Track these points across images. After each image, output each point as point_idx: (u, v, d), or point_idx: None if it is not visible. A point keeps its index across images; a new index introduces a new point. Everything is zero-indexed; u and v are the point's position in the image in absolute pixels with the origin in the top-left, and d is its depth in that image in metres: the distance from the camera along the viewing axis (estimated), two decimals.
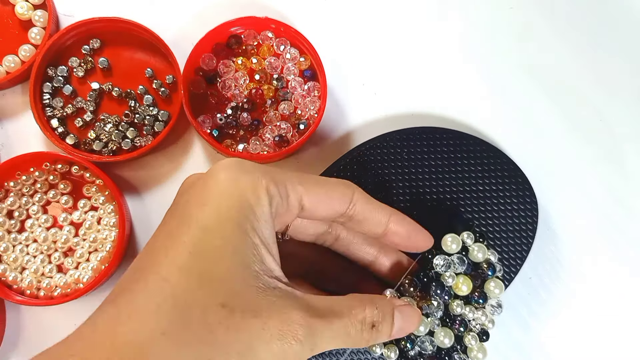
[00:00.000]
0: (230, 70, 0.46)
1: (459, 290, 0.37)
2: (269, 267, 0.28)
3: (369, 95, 0.49)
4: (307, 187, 0.31)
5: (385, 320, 0.32)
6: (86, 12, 0.48)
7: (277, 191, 0.29)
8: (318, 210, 0.32)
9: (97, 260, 0.44)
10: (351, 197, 0.32)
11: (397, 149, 0.43)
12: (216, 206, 0.27)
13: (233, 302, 0.26)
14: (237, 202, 0.27)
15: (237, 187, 0.28)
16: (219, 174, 0.28)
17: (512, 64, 0.50)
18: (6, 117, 0.47)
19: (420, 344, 0.36)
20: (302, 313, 0.27)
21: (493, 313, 0.38)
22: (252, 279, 0.27)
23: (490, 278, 0.38)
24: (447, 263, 0.36)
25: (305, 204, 0.31)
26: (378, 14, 0.50)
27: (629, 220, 0.48)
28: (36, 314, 0.45)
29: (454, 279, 0.37)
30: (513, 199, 0.43)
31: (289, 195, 0.30)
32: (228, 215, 0.27)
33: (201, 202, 0.27)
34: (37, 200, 0.44)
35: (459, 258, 0.37)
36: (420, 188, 0.43)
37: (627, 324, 0.47)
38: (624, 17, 0.51)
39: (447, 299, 0.37)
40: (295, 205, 0.31)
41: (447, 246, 0.37)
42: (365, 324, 0.30)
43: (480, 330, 0.37)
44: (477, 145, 0.43)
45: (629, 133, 0.49)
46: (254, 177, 0.28)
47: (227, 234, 0.27)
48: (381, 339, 0.32)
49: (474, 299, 0.37)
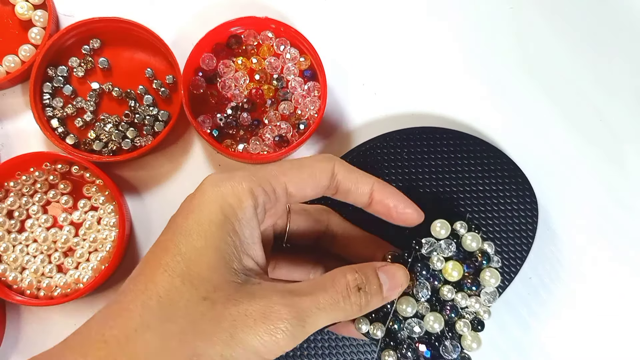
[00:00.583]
0: (230, 70, 0.46)
1: (449, 275, 0.36)
2: (248, 265, 0.30)
3: (369, 95, 0.49)
4: (290, 176, 0.32)
5: (370, 282, 0.32)
6: (86, 12, 0.48)
7: (261, 190, 0.31)
8: (305, 192, 0.33)
9: (97, 260, 0.44)
10: (332, 169, 0.34)
11: (397, 149, 0.43)
12: (199, 213, 0.30)
13: (214, 295, 0.28)
14: (219, 207, 0.30)
15: (218, 193, 0.30)
16: (203, 185, 0.31)
17: (512, 64, 0.50)
18: (6, 117, 0.47)
19: (408, 325, 0.35)
20: (282, 294, 0.29)
21: (488, 302, 0.36)
22: (232, 275, 0.29)
23: (485, 267, 0.37)
24: (432, 246, 0.35)
25: (291, 191, 0.32)
26: (378, 14, 0.50)
27: (629, 220, 0.48)
28: (36, 314, 0.45)
29: (443, 263, 0.36)
30: (513, 198, 0.43)
31: (275, 190, 0.32)
32: (210, 219, 0.29)
33: (186, 212, 0.30)
34: (37, 200, 0.44)
35: (446, 242, 0.36)
36: (420, 188, 0.43)
37: (627, 324, 0.47)
38: (624, 17, 0.51)
39: (437, 283, 0.36)
40: (282, 195, 0.32)
41: (435, 231, 0.36)
42: (351, 289, 0.31)
43: (474, 319, 0.36)
44: (477, 145, 0.43)
45: (629, 133, 0.49)
46: (235, 182, 0.30)
47: (208, 235, 0.29)
48: (374, 301, 0.33)
49: (466, 285, 0.36)
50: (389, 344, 0.35)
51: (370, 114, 0.48)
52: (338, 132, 0.48)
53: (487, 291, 0.37)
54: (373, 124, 0.48)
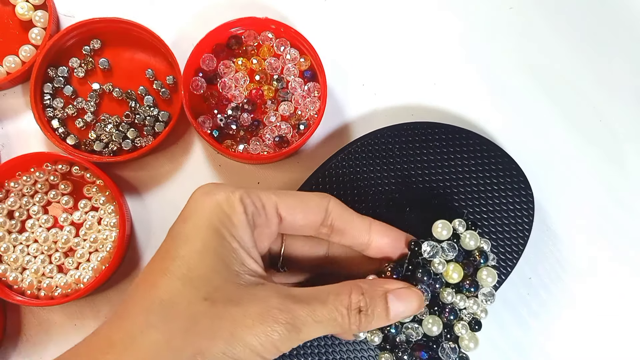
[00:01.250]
0: (231, 71, 0.46)
1: (450, 277, 0.35)
2: (250, 267, 0.31)
3: (369, 95, 0.49)
4: (282, 198, 0.33)
5: (375, 305, 0.32)
6: (87, 12, 0.48)
7: (250, 201, 0.32)
8: (296, 219, 0.34)
9: (98, 261, 0.44)
10: (326, 206, 0.34)
11: (388, 145, 0.43)
12: (195, 219, 0.31)
13: (215, 295, 0.29)
14: (214, 213, 0.31)
15: (213, 200, 0.31)
16: (197, 194, 0.32)
17: (512, 64, 0.50)
18: (7, 118, 0.47)
19: (405, 331, 0.35)
20: (281, 299, 0.30)
21: (486, 302, 0.36)
22: (233, 276, 0.30)
23: (482, 266, 0.37)
24: (435, 250, 0.35)
25: (282, 213, 0.33)
26: (378, 14, 0.50)
27: (629, 220, 0.48)
28: (36, 314, 0.45)
29: (444, 266, 0.36)
30: (508, 192, 0.43)
31: (264, 205, 0.32)
32: (206, 224, 0.30)
33: (183, 219, 0.31)
34: (38, 201, 0.44)
35: (448, 244, 0.36)
36: (413, 184, 0.43)
37: (627, 324, 0.47)
38: (624, 17, 0.51)
39: (438, 287, 0.35)
40: (273, 214, 0.33)
41: (437, 232, 0.36)
42: (352, 310, 0.31)
43: (472, 319, 0.36)
44: (470, 139, 0.43)
45: (629, 133, 0.49)
46: (227, 191, 0.31)
47: (207, 239, 0.30)
48: (376, 324, 0.32)
49: (465, 287, 0.36)
50: (384, 347, 0.35)
51: (370, 114, 0.49)
52: (338, 133, 0.48)
53: (484, 292, 0.37)
54: (373, 124, 0.48)
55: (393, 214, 0.42)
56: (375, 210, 0.42)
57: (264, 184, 0.47)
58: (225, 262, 0.30)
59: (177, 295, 0.29)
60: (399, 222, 0.37)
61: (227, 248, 0.30)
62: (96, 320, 0.45)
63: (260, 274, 0.31)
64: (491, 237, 0.42)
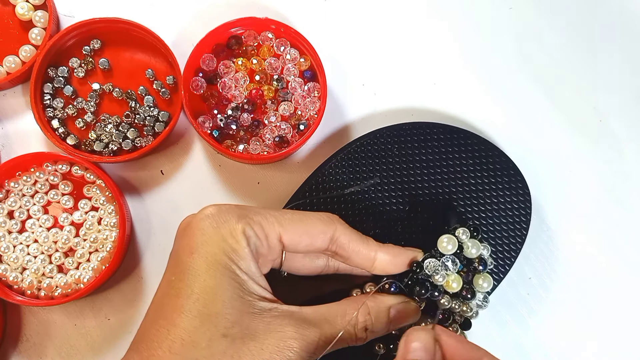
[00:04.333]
0: (231, 71, 0.46)
1: (450, 287, 0.36)
2: (260, 295, 0.32)
3: (369, 95, 0.49)
4: (286, 226, 0.34)
5: (379, 321, 0.34)
6: (87, 12, 0.48)
7: (253, 233, 0.33)
8: (299, 247, 0.35)
9: (98, 261, 0.44)
10: (332, 234, 0.35)
11: (388, 144, 0.43)
12: (203, 253, 0.31)
13: (233, 331, 0.30)
14: (220, 247, 0.32)
15: (218, 233, 0.32)
16: (202, 222, 0.32)
17: (511, 64, 0.50)
18: (7, 118, 0.47)
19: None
20: (296, 327, 0.31)
21: (480, 306, 0.38)
22: (247, 306, 0.31)
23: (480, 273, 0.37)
24: (435, 268, 0.36)
25: (285, 242, 0.34)
26: (378, 14, 0.50)
27: (628, 220, 0.48)
28: (37, 314, 0.45)
29: (445, 278, 0.36)
30: (506, 191, 0.43)
31: (267, 236, 0.33)
32: (215, 260, 0.31)
33: (190, 250, 0.32)
34: (38, 201, 0.44)
35: (452, 261, 0.36)
36: (412, 183, 0.43)
37: (627, 324, 0.47)
38: (624, 17, 0.51)
39: (437, 295, 0.36)
40: (275, 243, 0.34)
41: (442, 247, 0.36)
42: (358, 329, 0.33)
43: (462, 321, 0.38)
44: (469, 139, 0.43)
45: (629, 133, 0.49)
46: (231, 223, 0.32)
47: (218, 274, 0.31)
48: (378, 334, 0.35)
49: (462, 295, 0.37)
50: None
51: (370, 115, 0.49)
52: (338, 133, 0.48)
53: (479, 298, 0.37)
54: (373, 124, 0.48)
55: (392, 214, 0.42)
56: (374, 210, 0.42)
57: (264, 184, 0.47)
58: (237, 295, 0.31)
59: (196, 335, 0.30)
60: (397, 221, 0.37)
61: (237, 281, 0.31)
62: (96, 320, 0.45)
63: (271, 299, 0.33)
64: (489, 236, 0.43)
